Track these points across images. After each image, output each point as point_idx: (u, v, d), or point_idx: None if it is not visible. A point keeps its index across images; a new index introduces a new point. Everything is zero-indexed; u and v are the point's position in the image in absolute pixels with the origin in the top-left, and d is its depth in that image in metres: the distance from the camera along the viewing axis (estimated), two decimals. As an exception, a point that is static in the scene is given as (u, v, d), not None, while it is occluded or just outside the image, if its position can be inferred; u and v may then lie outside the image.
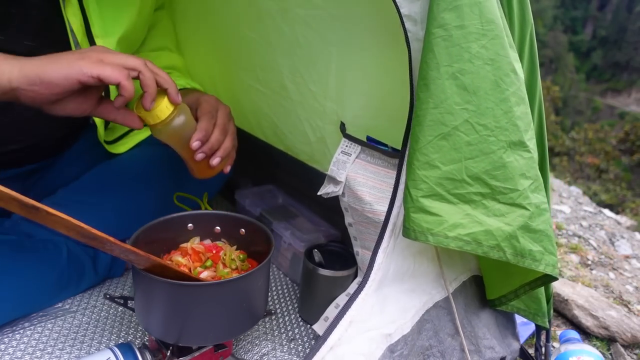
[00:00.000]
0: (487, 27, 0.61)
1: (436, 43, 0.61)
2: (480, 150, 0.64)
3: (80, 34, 0.86)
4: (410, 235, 0.67)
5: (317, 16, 0.88)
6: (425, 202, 0.66)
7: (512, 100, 0.64)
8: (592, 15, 44.25)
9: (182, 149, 0.80)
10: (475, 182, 0.66)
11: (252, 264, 0.85)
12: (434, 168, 0.65)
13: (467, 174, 0.65)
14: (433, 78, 0.62)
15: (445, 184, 0.66)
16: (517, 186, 0.66)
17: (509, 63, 0.64)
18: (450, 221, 0.66)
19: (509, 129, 0.64)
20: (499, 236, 0.67)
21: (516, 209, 0.67)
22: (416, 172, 0.66)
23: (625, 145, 10.66)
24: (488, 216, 0.67)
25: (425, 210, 0.66)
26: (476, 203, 0.67)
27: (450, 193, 0.66)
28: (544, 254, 0.68)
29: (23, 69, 0.63)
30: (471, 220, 0.67)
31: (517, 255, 0.68)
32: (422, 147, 0.65)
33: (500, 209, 0.67)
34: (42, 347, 0.82)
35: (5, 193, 0.51)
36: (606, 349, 1.17)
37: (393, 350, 0.74)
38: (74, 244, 0.92)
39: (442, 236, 0.67)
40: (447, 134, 0.64)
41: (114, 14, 0.90)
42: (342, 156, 0.87)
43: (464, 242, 0.67)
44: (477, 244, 0.67)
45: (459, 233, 0.67)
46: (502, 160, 0.65)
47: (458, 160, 0.65)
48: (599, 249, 1.85)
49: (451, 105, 0.63)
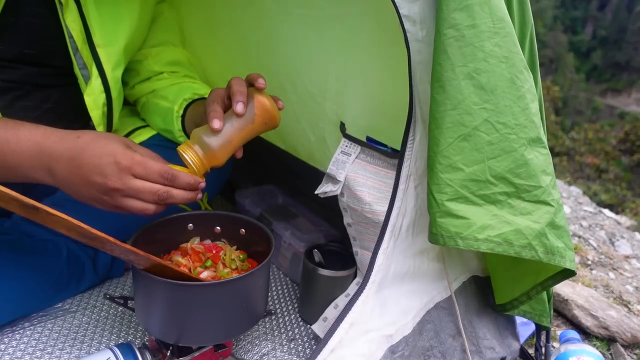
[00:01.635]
0: (499, 25, 0.61)
1: (449, 44, 0.60)
2: (502, 149, 0.64)
3: (80, 41, 0.85)
4: (439, 241, 0.66)
5: (317, 16, 0.88)
6: (451, 205, 0.65)
7: (528, 97, 0.64)
8: (592, 15, 44.27)
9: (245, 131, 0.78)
10: (500, 181, 0.65)
11: (252, 264, 0.85)
12: (458, 170, 0.64)
13: (491, 174, 0.65)
14: (449, 79, 0.61)
15: (470, 186, 0.65)
16: (541, 183, 0.66)
17: (522, 60, 0.64)
18: (478, 223, 0.65)
19: (527, 125, 0.64)
20: (529, 235, 0.66)
21: (542, 205, 0.66)
22: (439, 175, 0.64)
23: (625, 145, 10.67)
24: (515, 215, 0.66)
25: (452, 213, 0.65)
26: (502, 203, 0.66)
27: (475, 195, 0.65)
28: (566, 250, 0.68)
29: (58, 184, 0.66)
30: (499, 221, 0.66)
31: (547, 253, 0.67)
32: (443, 149, 0.64)
33: (527, 207, 0.66)
34: (42, 347, 0.82)
35: (5, 193, 0.51)
36: (606, 349, 1.17)
37: (394, 351, 0.74)
38: (74, 244, 0.92)
39: (471, 239, 0.65)
40: (468, 135, 0.63)
41: (115, 22, 0.90)
42: (341, 156, 0.87)
43: (495, 243, 0.66)
44: (509, 244, 0.66)
45: (488, 235, 0.65)
46: (524, 157, 0.64)
47: (481, 160, 0.64)
48: (599, 249, 1.85)
49: (469, 106, 0.62)
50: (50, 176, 0.66)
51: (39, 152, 0.65)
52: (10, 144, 0.64)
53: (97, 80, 0.89)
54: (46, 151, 0.65)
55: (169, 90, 1.03)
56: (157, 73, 1.07)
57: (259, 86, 0.75)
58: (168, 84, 1.05)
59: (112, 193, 0.65)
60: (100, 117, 0.92)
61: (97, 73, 0.89)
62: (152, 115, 1.06)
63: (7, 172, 0.66)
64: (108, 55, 0.89)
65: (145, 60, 1.05)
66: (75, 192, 0.67)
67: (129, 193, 0.65)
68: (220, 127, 0.73)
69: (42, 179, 0.66)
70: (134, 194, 0.65)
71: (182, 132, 0.99)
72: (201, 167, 0.73)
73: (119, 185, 0.64)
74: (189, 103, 0.98)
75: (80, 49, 0.86)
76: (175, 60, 1.09)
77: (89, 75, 0.89)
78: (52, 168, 0.65)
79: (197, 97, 1.00)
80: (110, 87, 0.91)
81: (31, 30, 0.82)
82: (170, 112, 0.99)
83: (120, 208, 0.66)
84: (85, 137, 0.66)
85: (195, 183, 0.70)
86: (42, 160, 0.65)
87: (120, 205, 0.66)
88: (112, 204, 0.66)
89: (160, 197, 0.66)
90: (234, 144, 0.76)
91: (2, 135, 0.64)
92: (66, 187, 0.67)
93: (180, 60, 1.11)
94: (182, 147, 0.73)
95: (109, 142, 0.66)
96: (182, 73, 1.10)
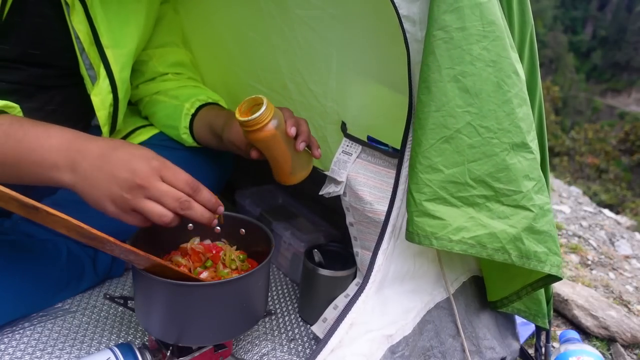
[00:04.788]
0: (489, 29, 0.61)
1: (437, 45, 0.61)
2: (483, 153, 0.64)
3: (87, 43, 0.86)
4: (414, 239, 0.67)
5: (317, 16, 0.88)
6: (428, 205, 0.66)
7: (515, 101, 0.64)
8: (592, 15, 44.29)
9: (279, 153, 0.81)
10: (479, 184, 0.65)
11: (252, 264, 0.85)
12: (437, 171, 0.65)
13: (471, 176, 0.65)
14: (434, 81, 0.62)
15: (448, 187, 0.66)
16: (521, 188, 0.66)
17: (511, 64, 0.63)
18: (454, 225, 0.66)
19: (511, 130, 0.64)
20: (503, 239, 0.66)
21: (520, 210, 0.67)
22: (419, 175, 0.65)
23: (625, 145, 10.67)
24: (492, 219, 0.67)
25: (429, 214, 0.66)
26: (480, 206, 0.67)
27: (453, 196, 0.66)
28: (548, 255, 0.68)
29: (76, 182, 0.65)
30: (475, 223, 0.67)
31: (522, 257, 0.67)
32: (425, 150, 0.64)
33: (505, 211, 0.67)
34: (42, 347, 0.82)
35: (5, 193, 0.51)
36: (606, 349, 1.17)
37: (394, 351, 0.74)
38: (74, 244, 0.92)
39: (446, 240, 0.66)
40: (450, 137, 0.64)
41: (122, 23, 0.90)
42: (343, 156, 0.87)
43: (468, 245, 0.67)
44: (482, 247, 0.67)
45: (463, 236, 0.66)
46: (505, 162, 0.65)
47: (461, 163, 0.65)
48: (599, 249, 1.85)
49: (453, 108, 0.63)
50: (71, 172, 0.64)
51: (68, 147, 0.64)
52: (40, 139, 0.64)
53: (105, 81, 0.89)
54: (76, 146, 0.64)
55: (180, 91, 1.05)
56: (162, 74, 1.08)
57: (315, 155, 0.85)
58: (176, 85, 1.07)
59: (135, 191, 0.63)
60: (106, 117, 0.93)
61: (105, 74, 0.89)
62: (157, 111, 1.07)
63: (26, 169, 0.64)
64: (116, 57, 0.89)
65: (150, 61, 1.06)
66: (91, 190, 0.64)
67: (153, 194, 0.64)
68: (293, 134, 0.78)
69: (59, 177, 0.64)
70: (157, 195, 0.64)
71: (187, 129, 1.00)
72: (266, 118, 0.74)
73: (145, 183, 0.63)
74: (203, 105, 0.99)
75: (87, 50, 0.86)
76: (179, 62, 1.10)
77: (95, 76, 0.89)
78: (77, 163, 0.64)
79: (211, 101, 1.01)
80: (118, 87, 0.91)
81: (36, 30, 0.82)
82: (179, 109, 1.00)
83: (139, 210, 0.64)
84: (118, 140, 0.68)
85: (216, 203, 0.70)
86: (69, 155, 0.64)
87: (140, 207, 0.64)
88: (131, 205, 0.64)
89: (182, 205, 0.65)
90: (275, 145, 0.79)
91: (33, 131, 0.64)
92: (84, 184, 0.64)
93: (184, 62, 1.11)
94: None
95: (142, 147, 0.67)
96: (186, 75, 1.10)
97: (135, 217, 0.65)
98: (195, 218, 0.67)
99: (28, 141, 0.63)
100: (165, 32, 1.07)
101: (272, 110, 0.75)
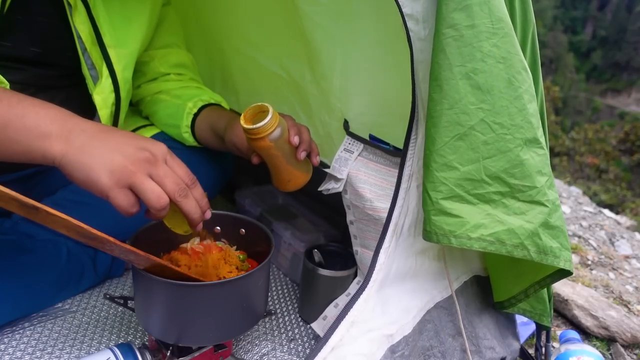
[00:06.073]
0: (498, 26, 0.61)
1: (447, 43, 0.61)
2: (497, 149, 0.64)
3: (89, 43, 0.85)
4: (432, 238, 0.67)
5: (321, 13, 0.88)
6: (445, 204, 0.66)
7: (525, 97, 0.64)
8: (592, 15, 44.30)
9: (280, 161, 0.81)
10: (495, 181, 0.65)
11: (252, 264, 0.85)
12: (453, 169, 0.65)
13: (486, 173, 0.65)
14: (446, 79, 0.62)
15: (464, 185, 0.65)
16: (535, 183, 0.66)
17: (520, 61, 0.64)
18: (472, 222, 0.66)
19: (524, 126, 0.64)
20: (521, 234, 0.66)
21: (536, 206, 0.67)
22: (434, 174, 0.65)
23: (625, 145, 10.67)
24: (509, 215, 0.67)
25: (446, 212, 0.66)
26: (496, 202, 0.67)
27: (470, 194, 0.66)
28: (562, 250, 0.68)
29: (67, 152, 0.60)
30: (493, 220, 0.67)
31: (540, 252, 0.67)
32: (439, 148, 0.64)
33: (521, 207, 0.67)
34: (42, 347, 0.82)
35: (5, 193, 0.51)
36: (606, 349, 1.17)
37: (394, 351, 0.74)
38: (74, 244, 0.92)
39: (465, 238, 0.66)
40: (464, 134, 0.64)
41: (125, 23, 0.90)
42: (344, 153, 0.87)
43: (487, 242, 0.67)
44: (501, 243, 0.67)
45: (481, 234, 0.66)
46: (519, 158, 0.65)
47: (476, 160, 0.65)
48: (599, 249, 1.85)
49: (466, 105, 0.63)
50: (65, 141, 0.59)
51: (66, 119, 0.61)
52: (36, 107, 0.61)
53: (108, 80, 0.89)
54: (75, 119, 0.62)
55: (182, 91, 1.05)
56: (164, 74, 1.08)
57: (314, 163, 0.85)
58: (178, 85, 1.07)
59: (142, 164, 0.61)
60: (108, 116, 0.93)
61: (107, 73, 0.89)
62: (158, 110, 1.07)
63: (13, 135, 0.59)
64: (119, 56, 0.89)
65: (152, 62, 1.06)
66: (86, 159, 0.59)
67: (158, 172, 0.62)
68: (296, 143, 0.78)
69: (47, 146, 0.59)
70: (161, 175, 0.62)
71: (189, 128, 1.00)
72: (270, 127, 0.74)
73: (154, 159, 0.61)
74: (206, 105, 1.00)
75: (89, 49, 0.86)
76: (181, 63, 1.10)
77: (97, 76, 0.89)
78: (73, 133, 0.60)
79: (213, 102, 1.01)
80: (120, 87, 0.91)
81: (38, 28, 0.82)
82: (182, 108, 1.00)
83: (137, 187, 0.60)
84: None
85: (206, 204, 0.69)
86: (67, 125, 0.61)
87: (139, 182, 0.60)
88: (130, 179, 0.60)
89: (181, 191, 0.64)
90: (276, 153, 0.80)
91: (30, 100, 0.61)
92: (77, 152, 0.59)
93: (186, 63, 1.11)
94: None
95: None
96: (187, 76, 1.11)
97: (127, 196, 0.61)
98: (187, 209, 0.65)
99: (23, 107, 0.60)
100: (167, 33, 1.08)
101: (277, 119, 0.75)
